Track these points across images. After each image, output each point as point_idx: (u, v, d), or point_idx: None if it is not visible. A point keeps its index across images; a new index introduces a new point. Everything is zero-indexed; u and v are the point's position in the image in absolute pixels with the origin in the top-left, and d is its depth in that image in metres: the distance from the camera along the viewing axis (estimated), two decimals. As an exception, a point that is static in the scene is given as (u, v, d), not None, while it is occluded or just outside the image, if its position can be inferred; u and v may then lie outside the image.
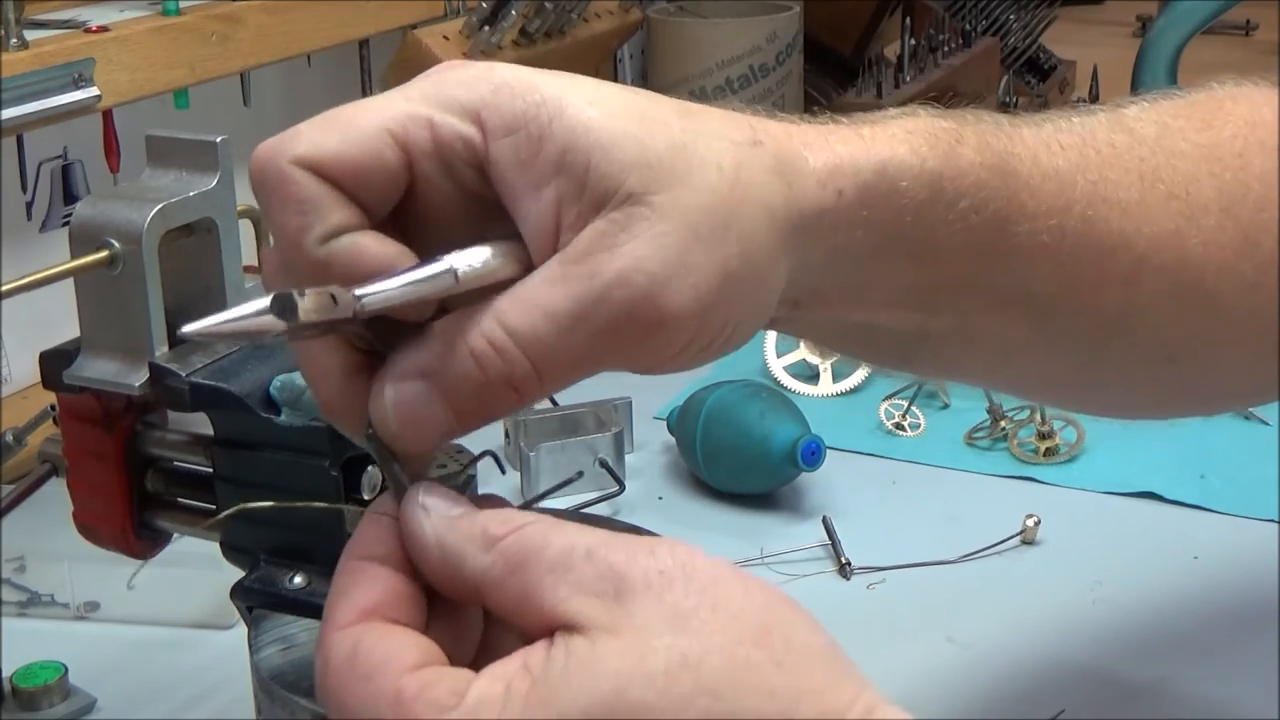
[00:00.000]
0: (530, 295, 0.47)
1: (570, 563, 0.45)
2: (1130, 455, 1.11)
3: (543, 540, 0.46)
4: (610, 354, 0.48)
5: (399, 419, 0.47)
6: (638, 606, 0.44)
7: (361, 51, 1.44)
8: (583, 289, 0.47)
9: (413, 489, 0.48)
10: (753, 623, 0.44)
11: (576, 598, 0.44)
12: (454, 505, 0.48)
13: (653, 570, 0.45)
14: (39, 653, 0.85)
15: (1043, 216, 0.60)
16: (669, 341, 0.48)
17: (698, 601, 0.44)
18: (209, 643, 0.90)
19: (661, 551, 0.45)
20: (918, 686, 0.85)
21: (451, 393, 0.47)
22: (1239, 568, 0.96)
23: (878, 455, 1.13)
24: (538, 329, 0.47)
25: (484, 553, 0.46)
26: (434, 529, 0.47)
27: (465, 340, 0.47)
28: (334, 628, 0.47)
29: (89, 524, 0.69)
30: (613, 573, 0.45)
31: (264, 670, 0.64)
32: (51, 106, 1.05)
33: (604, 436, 1.07)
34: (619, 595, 0.44)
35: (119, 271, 0.63)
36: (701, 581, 0.45)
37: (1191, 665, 0.86)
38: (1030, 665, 0.87)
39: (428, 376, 0.47)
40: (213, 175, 0.65)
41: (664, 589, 0.44)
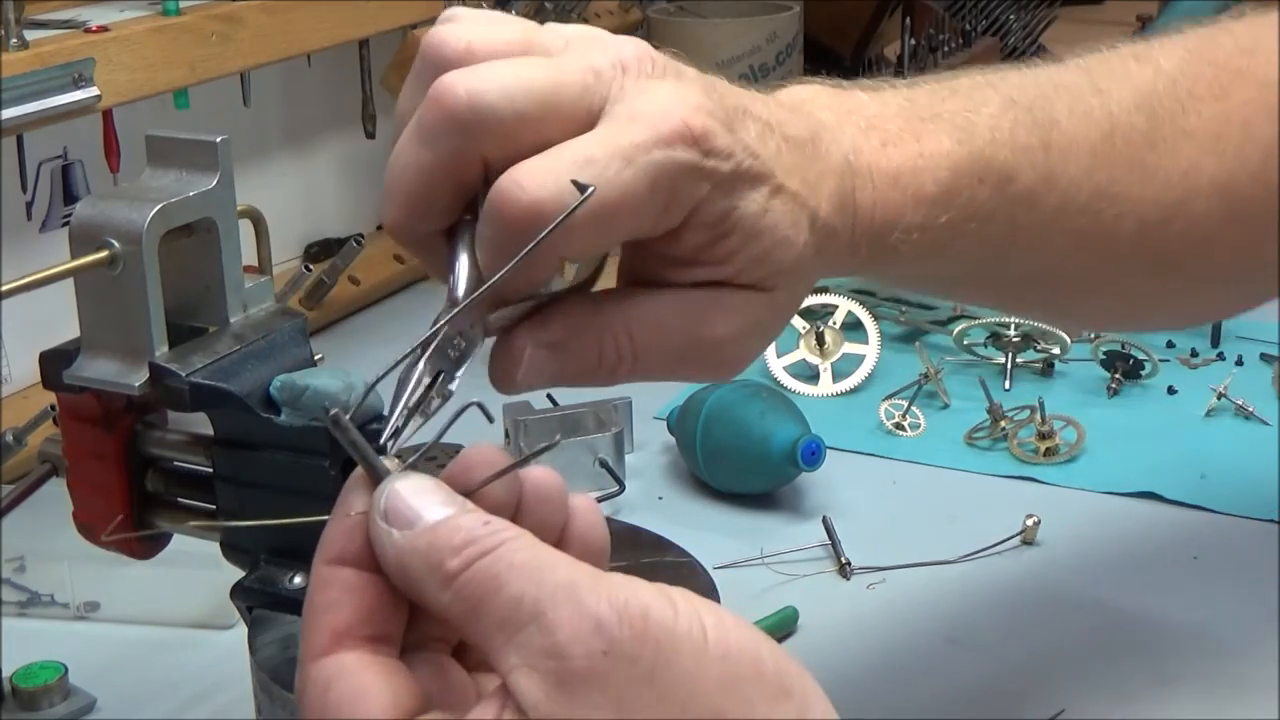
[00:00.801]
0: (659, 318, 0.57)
1: (518, 621, 0.43)
2: (1130, 455, 1.11)
3: (493, 584, 0.44)
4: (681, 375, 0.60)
5: (526, 373, 0.55)
6: (580, 700, 0.42)
7: (361, 51, 1.44)
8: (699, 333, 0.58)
9: (377, 493, 0.47)
10: (705, 711, 0.43)
11: (521, 672, 0.43)
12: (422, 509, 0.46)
13: (596, 651, 0.42)
14: (39, 653, 0.85)
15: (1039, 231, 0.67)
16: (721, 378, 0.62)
17: (642, 690, 0.42)
18: (209, 643, 0.90)
19: (610, 622, 0.43)
20: (918, 686, 0.85)
21: (567, 363, 0.56)
22: (1239, 568, 0.96)
23: (878, 455, 1.13)
24: (652, 344, 0.57)
25: (442, 590, 0.45)
26: (395, 554, 0.46)
27: (599, 337, 0.56)
28: (309, 656, 0.46)
29: (89, 524, 0.69)
30: (556, 650, 0.43)
31: (264, 670, 0.64)
32: (51, 106, 1.05)
33: (604, 436, 1.07)
34: (561, 681, 0.43)
35: (119, 271, 0.63)
36: (648, 664, 0.43)
37: (1191, 665, 0.86)
38: (1030, 665, 0.87)
39: (556, 349, 0.56)
40: (213, 175, 0.65)
41: (607, 676, 0.42)
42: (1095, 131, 0.68)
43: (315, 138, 1.50)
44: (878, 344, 1.25)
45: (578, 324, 0.56)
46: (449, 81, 0.52)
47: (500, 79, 0.52)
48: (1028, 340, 1.25)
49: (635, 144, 0.52)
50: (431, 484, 0.47)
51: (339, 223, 1.52)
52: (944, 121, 0.64)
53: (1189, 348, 1.29)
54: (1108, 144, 0.68)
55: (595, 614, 0.43)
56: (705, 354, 0.58)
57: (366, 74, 1.44)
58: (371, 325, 1.40)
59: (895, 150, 0.63)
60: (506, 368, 0.55)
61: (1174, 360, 1.26)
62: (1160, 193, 0.70)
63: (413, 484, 0.47)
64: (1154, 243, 0.70)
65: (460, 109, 0.52)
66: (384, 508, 0.46)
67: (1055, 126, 0.67)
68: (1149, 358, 1.21)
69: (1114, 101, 0.69)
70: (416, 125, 0.53)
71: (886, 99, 0.65)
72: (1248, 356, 1.27)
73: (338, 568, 0.47)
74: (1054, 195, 0.66)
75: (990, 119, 0.65)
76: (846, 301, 1.28)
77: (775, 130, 0.58)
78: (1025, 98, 0.67)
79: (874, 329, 1.26)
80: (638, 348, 0.57)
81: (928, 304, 1.36)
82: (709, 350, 0.58)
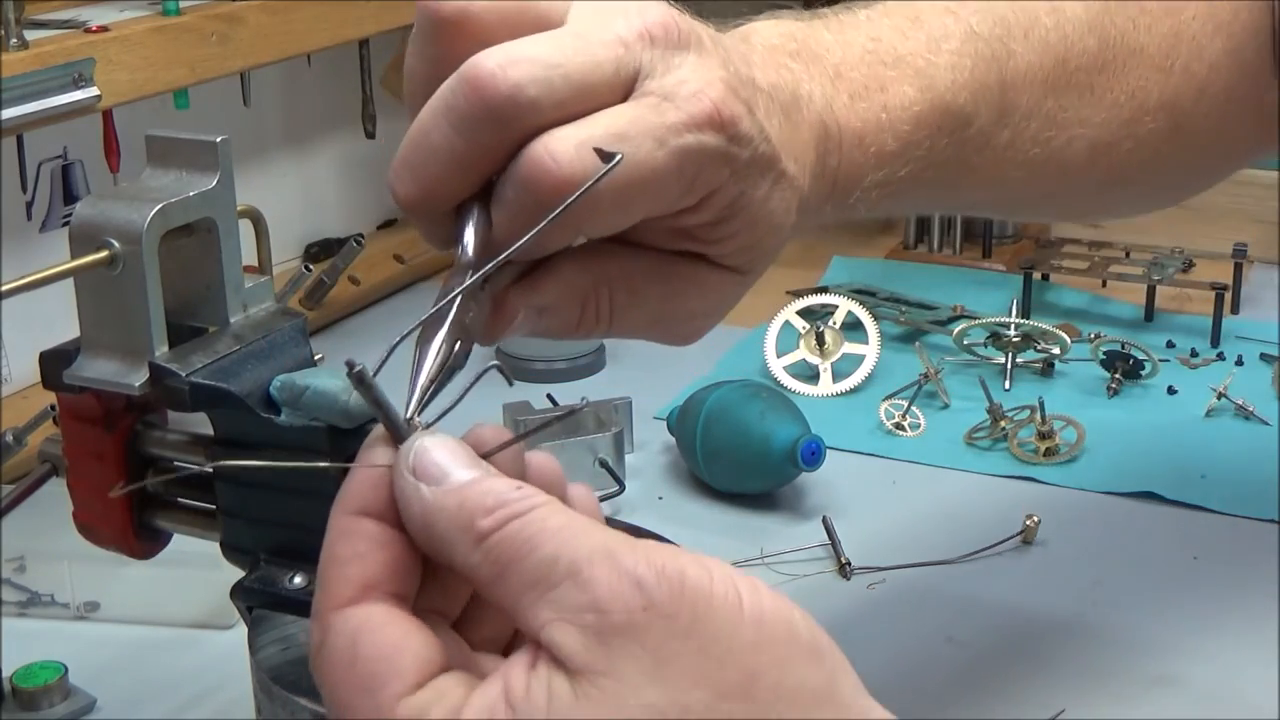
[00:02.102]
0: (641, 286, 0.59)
1: (552, 579, 0.44)
2: (1130, 455, 1.11)
3: (526, 546, 0.44)
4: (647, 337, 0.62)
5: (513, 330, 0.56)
6: (619, 651, 0.42)
7: (361, 51, 1.44)
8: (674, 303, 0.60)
9: (404, 448, 0.46)
10: (741, 669, 0.43)
11: (557, 625, 0.43)
12: (450, 467, 0.46)
13: (636, 607, 0.43)
14: (39, 653, 0.85)
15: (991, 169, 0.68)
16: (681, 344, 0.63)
17: (679, 648, 0.42)
18: (209, 643, 0.90)
19: (649, 581, 0.43)
20: (918, 686, 0.85)
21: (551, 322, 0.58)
22: (1239, 568, 0.96)
23: (878, 455, 1.13)
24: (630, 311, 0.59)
25: (471, 550, 0.45)
26: (422, 510, 0.46)
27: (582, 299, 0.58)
28: (331, 604, 0.46)
29: (89, 524, 0.69)
30: (594, 604, 0.43)
31: (264, 670, 0.64)
32: (51, 106, 1.05)
33: (604, 436, 1.07)
34: (600, 633, 0.43)
35: (119, 271, 0.63)
36: (686, 622, 0.43)
37: (1191, 665, 0.86)
38: (1030, 665, 0.87)
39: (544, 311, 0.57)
40: (213, 175, 0.65)
41: (645, 630, 0.43)
42: (1049, 59, 0.69)
43: (315, 138, 1.50)
44: (878, 344, 1.25)
45: (567, 289, 0.57)
46: (487, 71, 0.51)
47: (537, 68, 0.51)
48: (1028, 340, 1.25)
49: (668, 125, 0.52)
50: (458, 445, 0.47)
51: (339, 223, 1.52)
52: (906, 66, 0.64)
53: (1189, 348, 1.29)
54: (1060, 70, 0.69)
55: (634, 573, 0.43)
56: (675, 324, 0.61)
57: (366, 74, 1.44)
58: (371, 325, 1.40)
59: (862, 105, 0.63)
60: (499, 330, 0.56)
61: (1174, 360, 1.26)
62: (1109, 113, 0.71)
63: (441, 442, 0.47)
64: (1104, 162, 0.72)
65: (501, 102, 0.51)
66: (413, 463, 0.46)
67: (1012, 58, 0.68)
68: (1149, 358, 1.21)
69: (1067, 22, 0.70)
70: (448, 110, 0.52)
71: (850, 39, 0.65)
72: (1248, 356, 1.27)
73: (361, 519, 0.47)
74: (1007, 131, 0.68)
75: (950, 59, 0.65)
76: (846, 301, 1.28)
77: (775, 100, 0.58)
78: (985, 27, 0.67)
79: (874, 329, 1.26)
80: (615, 311, 0.58)
81: (928, 304, 1.36)
82: (679, 321, 0.61)
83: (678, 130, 0.52)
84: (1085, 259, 1.44)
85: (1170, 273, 1.38)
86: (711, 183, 0.55)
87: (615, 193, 0.52)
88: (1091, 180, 0.73)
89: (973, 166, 0.67)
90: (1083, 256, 1.45)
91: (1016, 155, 0.68)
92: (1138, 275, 1.39)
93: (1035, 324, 1.26)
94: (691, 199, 0.55)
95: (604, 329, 0.59)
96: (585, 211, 0.51)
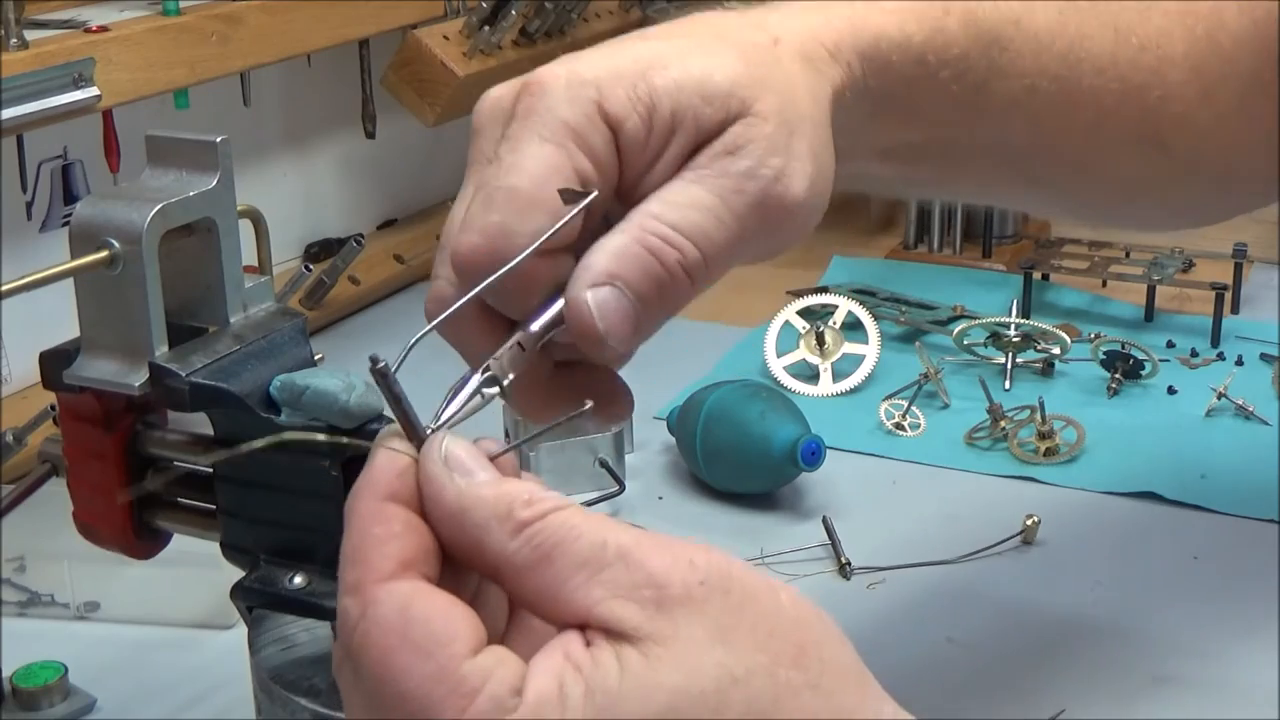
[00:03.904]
0: (673, 197, 0.54)
1: (603, 560, 0.45)
2: (1130, 455, 1.11)
3: (572, 532, 0.45)
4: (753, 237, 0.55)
5: (604, 319, 0.52)
6: (682, 619, 0.44)
7: (361, 51, 1.44)
8: (719, 184, 0.54)
9: (433, 439, 0.47)
10: (790, 642, 0.45)
11: (614, 601, 0.44)
12: (475, 465, 0.47)
13: (693, 581, 0.45)
14: (39, 653, 0.85)
15: (1018, 78, 0.66)
16: (794, 223, 0.56)
17: (737, 619, 0.44)
18: (209, 643, 0.90)
19: (700, 561, 0.45)
20: (918, 686, 0.84)
21: (637, 287, 0.53)
22: (1239, 568, 0.96)
23: (878, 455, 1.13)
24: (692, 218, 0.53)
25: (510, 537, 0.45)
26: (457, 496, 0.46)
27: (641, 242, 0.53)
28: (374, 578, 0.45)
29: (89, 524, 0.69)
30: (651, 580, 0.44)
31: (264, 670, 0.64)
32: (51, 106, 1.05)
33: (604, 436, 1.07)
34: (660, 605, 0.44)
35: (119, 271, 0.63)
36: (739, 597, 0.45)
37: (1191, 665, 0.86)
38: (1030, 665, 0.87)
39: (615, 280, 0.53)
40: (213, 175, 0.65)
41: (704, 602, 0.44)
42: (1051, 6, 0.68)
43: (315, 138, 1.50)
44: (878, 344, 1.25)
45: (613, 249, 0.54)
46: None
47: None
48: (1028, 340, 1.25)
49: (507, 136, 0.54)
50: (479, 451, 0.48)
51: (339, 223, 1.52)
52: None
53: (1189, 348, 1.29)
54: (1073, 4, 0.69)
55: (685, 552, 0.45)
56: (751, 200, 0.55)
57: (366, 74, 1.44)
58: (371, 325, 1.40)
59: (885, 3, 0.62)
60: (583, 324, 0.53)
61: (1174, 360, 1.26)
62: (1135, 54, 0.70)
63: (465, 444, 0.48)
64: (1135, 110, 0.71)
65: None
66: (445, 455, 0.47)
67: None
68: (1149, 358, 1.21)
69: None
70: None
71: None
72: (1248, 356, 1.27)
73: (391, 504, 0.47)
74: (1024, 39, 0.66)
75: None
76: (846, 301, 1.28)
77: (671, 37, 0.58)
78: None
79: (874, 329, 1.26)
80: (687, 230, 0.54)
81: (928, 304, 1.36)
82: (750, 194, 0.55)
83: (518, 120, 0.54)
84: (1085, 259, 1.44)
85: (1170, 273, 1.38)
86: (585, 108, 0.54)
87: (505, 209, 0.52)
88: (1126, 136, 0.72)
89: (995, 68, 0.66)
90: (1083, 256, 1.45)
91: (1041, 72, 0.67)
92: (1138, 275, 1.39)
93: (1035, 324, 1.26)
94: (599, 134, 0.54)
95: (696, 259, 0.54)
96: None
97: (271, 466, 0.62)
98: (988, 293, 1.42)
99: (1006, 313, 1.28)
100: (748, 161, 0.54)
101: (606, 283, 0.53)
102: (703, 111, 0.54)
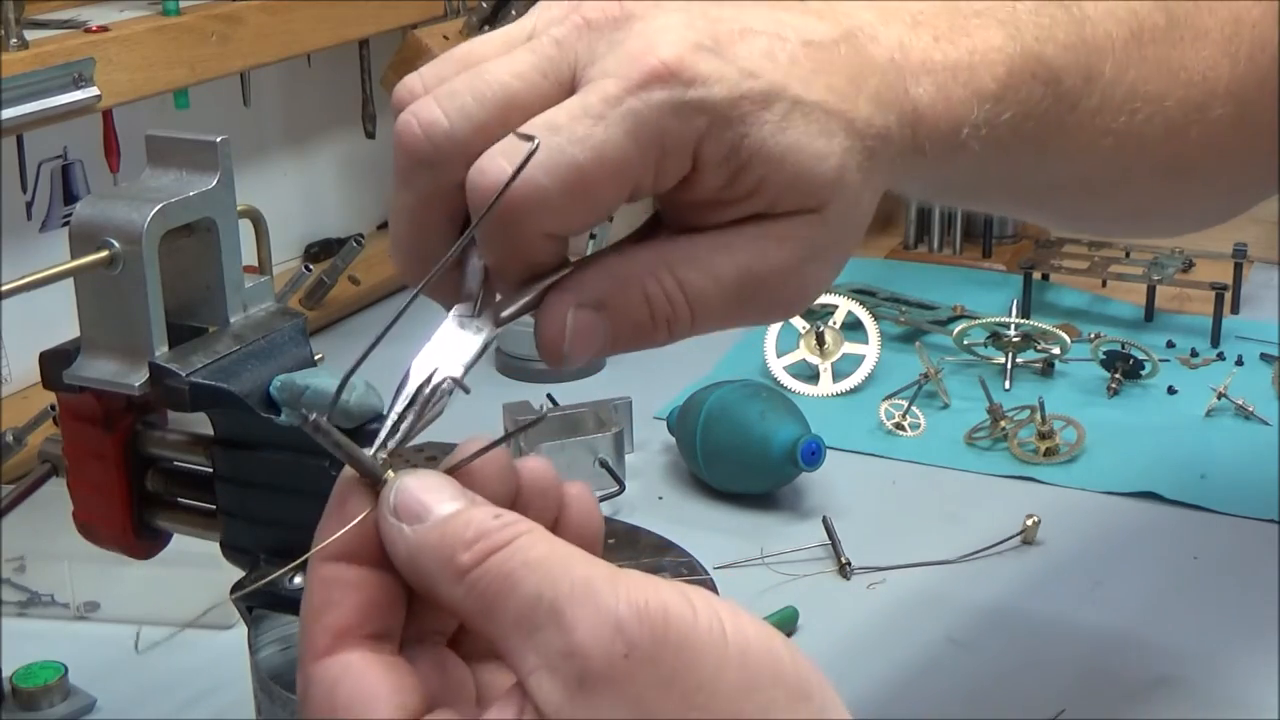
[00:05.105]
0: (705, 258, 0.53)
1: (535, 620, 0.43)
2: (1130, 455, 1.11)
3: (508, 583, 0.43)
4: (745, 319, 0.55)
5: (573, 340, 0.52)
6: (600, 700, 0.42)
7: (361, 51, 1.44)
8: (751, 266, 0.53)
9: (385, 491, 0.46)
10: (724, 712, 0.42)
11: (542, 673, 0.42)
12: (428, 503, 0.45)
13: (617, 654, 0.42)
14: (39, 653, 0.85)
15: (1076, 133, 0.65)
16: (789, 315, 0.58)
17: (663, 696, 0.42)
18: (209, 643, 0.90)
19: (630, 625, 0.42)
20: (918, 686, 0.85)
21: (617, 323, 0.52)
22: (1239, 568, 0.96)
23: (878, 455, 1.13)
24: (704, 287, 0.53)
25: (454, 585, 0.44)
26: (407, 550, 0.45)
27: (643, 286, 0.52)
28: (311, 657, 0.46)
29: (89, 524, 0.69)
30: (576, 650, 0.42)
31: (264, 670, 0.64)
32: (51, 106, 1.05)
33: (604, 436, 1.07)
34: (582, 682, 0.42)
35: (119, 271, 0.63)
36: (668, 668, 0.42)
37: (1191, 665, 0.86)
38: (1030, 665, 0.87)
39: (601, 309, 0.52)
40: (213, 175, 0.65)
41: (628, 679, 0.42)
42: (1123, 30, 0.67)
43: (315, 138, 1.50)
44: (878, 344, 1.25)
45: (617, 276, 0.52)
46: (404, 120, 0.51)
47: (452, 98, 0.50)
48: (1028, 340, 1.25)
49: (604, 98, 0.50)
50: (439, 479, 0.46)
51: (339, 223, 1.52)
52: (989, 17, 0.62)
53: (1189, 348, 1.29)
54: (1136, 42, 0.67)
55: (614, 615, 0.42)
56: (766, 290, 0.54)
57: (366, 74, 1.44)
58: (371, 325, 1.40)
59: (949, 46, 0.60)
60: (551, 336, 0.52)
61: (1174, 360, 1.26)
62: (1186, 93, 0.69)
63: (421, 479, 0.46)
64: (1175, 145, 0.70)
65: (419, 146, 0.50)
66: (394, 503, 0.46)
67: (1088, 22, 0.65)
68: (1149, 358, 1.21)
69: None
70: (394, 171, 0.52)
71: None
72: (1248, 356, 1.27)
73: (334, 564, 0.46)
74: (1094, 96, 0.65)
75: (1031, 16, 0.63)
76: (846, 301, 1.28)
77: (789, 40, 0.54)
78: None
79: (874, 329, 1.26)
80: (690, 295, 0.53)
81: (928, 304, 1.36)
82: (769, 286, 0.54)
83: (615, 100, 0.50)
84: (1085, 259, 1.44)
85: (1170, 273, 1.38)
86: (684, 139, 0.51)
87: (563, 184, 0.49)
88: (1161, 163, 0.71)
89: (1066, 128, 0.64)
90: (1083, 256, 1.45)
91: (1104, 123, 0.66)
92: (1138, 275, 1.39)
93: (1035, 324, 1.26)
94: (677, 164, 0.52)
95: (685, 321, 0.53)
96: (541, 211, 0.49)
97: (271, 466, 0.62)
98: (988, 293, 1.42)
99: (1006, 313, 1.28)
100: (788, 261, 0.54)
101: (592, 306, 0.52)
102: (785, 196, 0.53)
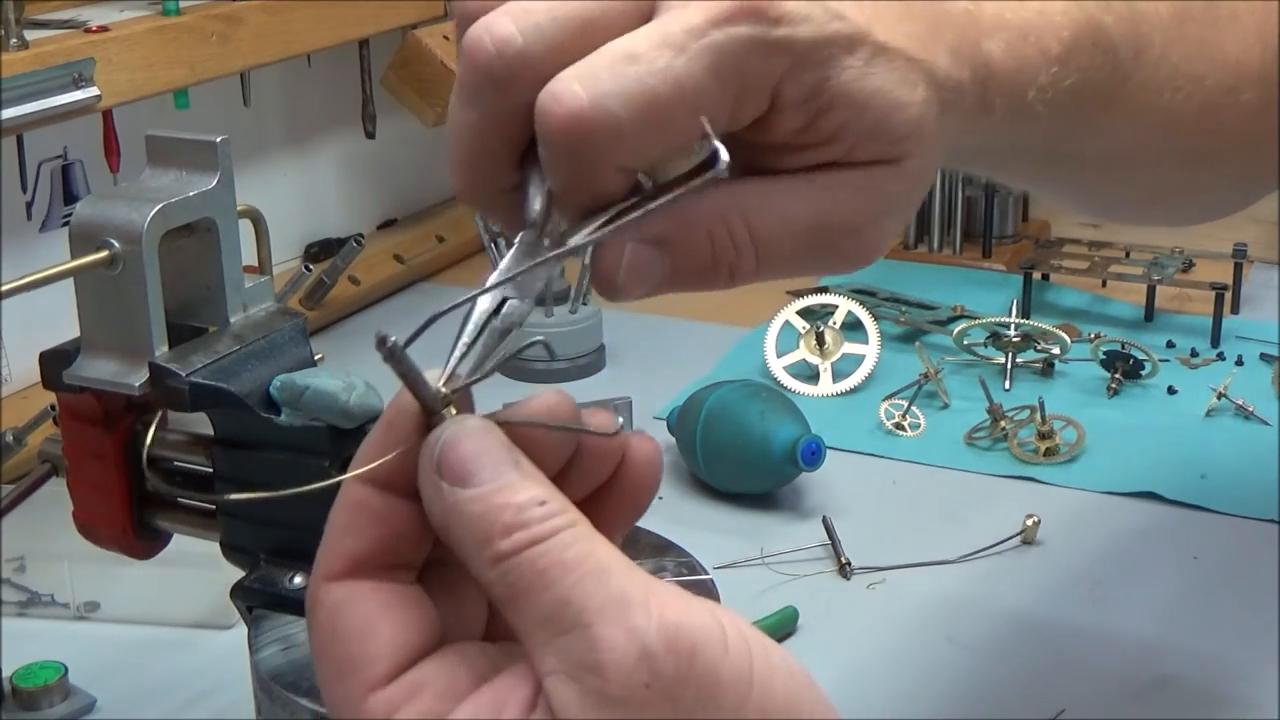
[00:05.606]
0: (777, 202, 0.51)
1: (561, 624, 0.42)
2: (1130, 455, 1.11)
3: (541, 580, 0.42)
4: (811, 268, 0.53)
5: (628, 273, 0.50)
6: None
7: (361, 51, 1.44)
8: (825, 214, 0.52)
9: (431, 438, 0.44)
10: None
11: (560, 678, 0.42)
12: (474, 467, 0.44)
13: (638, 683, 0.41)
14: (39, 653, 0.85)
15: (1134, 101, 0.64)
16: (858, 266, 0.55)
17: None
18: (209, 643, 0.90)
19: (657, 653, 0.41)
20: (918, 686, 0.85)
21: (678, 262, 0.50)
22: (1239, 568, 0.96)
23: (878, 455, 1.13)
24: (774, 232, 0.51)
25: (486, 567, 0.43)
26: (442, 512, 0.44)
27: (708, 226, 0.50)
28: (322, 575, 0.45)
29: (89, 524, 0.69)
30: (598, 668, 0.41)
31: (264, 670, 0.64)
32: (51, 106, 1.05)
33: (604, 436, 1.07)
34: (600, 699, 0.41)
35: (119, 271, 0.63)
36: (687, 707, 0.41)
37: (1191, 665, 0.86)
38: (1030, 665, 0.87)
39: (663, 244, 0.50)
40: (213, 175, 0.65)
41: (644, 707, 0.41)
42: (1167, 7, 0.66)
43: (315, 138, 1.50)
44: (878, 344, 1.25)
45: (683, 214, 0.50)
46: (475, 35, 0.48)
47: (527, 14, 0.48)
48: (1028, 340, 1.25)
49: (687, 29, 0.48)
50: (490, 441, 0.44)
51: (339, 223, 1.52)
52: None
53: (1189, 348, 1.29)
54: (1178, 20, 0.67)
55: (643, 641, 0.41)
56: (838, 239, 0.53)
57: (366, 74, 1.44)
58: (371, 325, 1.40)
59: (1019, 4, 0.58)
60: (607, 267, 0.50)
61: (1174, 360, 1.26)
62: (1222, 75, 0.68)
63: (472, 439, 0.44)
64: (1207, 126, 0.69)
65: (490, 63, 0.48)
66: (439, 457, 0.44)
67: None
68: (1149, 358, 1.21)
69: None
70: (458, 85, 0.50)
71: None
72: (1248, 356, 1.27)
73: (366, 487, 0.45)
74: (1144, 69, 0.65)
75: None
76: (846, 301, 1.28)
77: None
78: None
79: (874, 329, 1.26)
80: (758, 237, 0.51)
81: (928, 304, 1.36)
82: (842, 235, 0.53)
83: (699, 31, 0.48)
84: (1085, 259, 1.44)
85: (1170, 273, 1.38)
86: (765, 77, 0.50)
87: (640, 117, 0.47)
88: (1189, 145, 0.70)
89: (1116, 100, 0.63)
90: (1083, 256, 1.45)
91: (1149, 99, 0.65)
92: (1138, 275, 1.39)
93: (1035, 324, 1.26)
94: (755, 102, 0.50)
95: (750, 263, 0.51)
96: (616, 143, 0.47)
97: (271, 466, 0.62)
98: (988, 293, 1.42)
99: (1006, 313, 1.28)
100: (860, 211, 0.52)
101: (653, 243, 0.50)
102: (864, 144, 0.51)
